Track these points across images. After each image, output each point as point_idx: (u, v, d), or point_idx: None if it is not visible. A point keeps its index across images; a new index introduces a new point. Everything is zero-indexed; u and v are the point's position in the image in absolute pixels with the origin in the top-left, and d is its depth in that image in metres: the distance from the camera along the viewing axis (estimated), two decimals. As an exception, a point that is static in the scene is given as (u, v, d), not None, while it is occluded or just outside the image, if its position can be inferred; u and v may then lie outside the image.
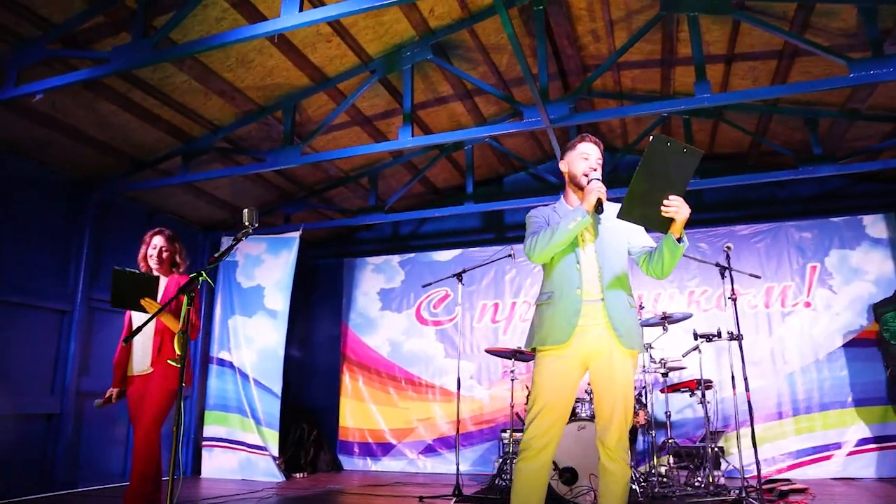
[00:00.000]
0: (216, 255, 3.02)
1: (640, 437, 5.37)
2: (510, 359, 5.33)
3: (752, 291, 6.41)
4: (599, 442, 2.61)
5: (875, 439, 5.78)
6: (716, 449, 5.11)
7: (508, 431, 5.72)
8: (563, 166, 2.82)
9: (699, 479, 4.93)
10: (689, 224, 2.54)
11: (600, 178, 2.63)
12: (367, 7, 3.27)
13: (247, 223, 3.13)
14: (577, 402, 5.05)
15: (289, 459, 6.62)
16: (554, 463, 4.54)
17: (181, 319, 2.84)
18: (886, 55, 3.89)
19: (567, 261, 2.66)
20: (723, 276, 4.78)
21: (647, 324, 5.10)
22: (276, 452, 6.20)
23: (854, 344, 6.00)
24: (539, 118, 4.45)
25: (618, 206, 2.54)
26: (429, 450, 7.07)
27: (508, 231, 7.61)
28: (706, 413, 5.00)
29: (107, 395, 3.60)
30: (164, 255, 3.66)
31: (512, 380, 5.25)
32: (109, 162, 5.50)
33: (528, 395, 2.80)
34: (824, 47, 4.04)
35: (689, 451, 5.31)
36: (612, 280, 2.63)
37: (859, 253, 6.17)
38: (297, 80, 5.12)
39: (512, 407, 5.14)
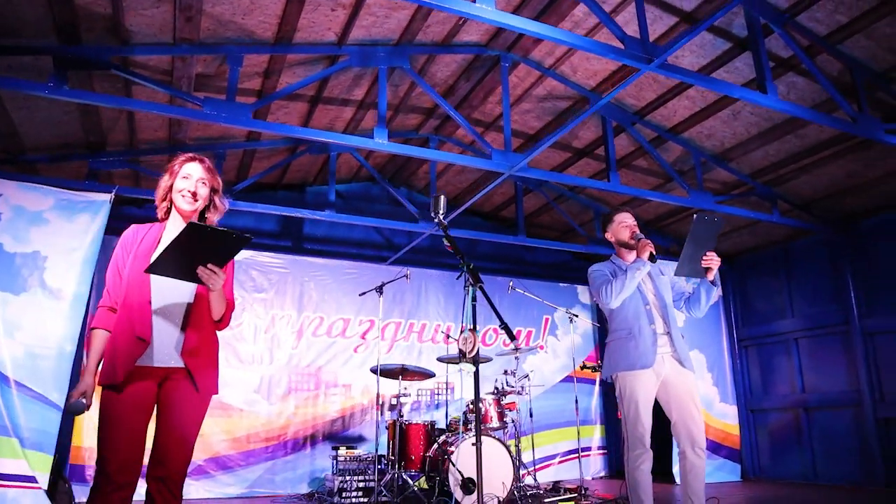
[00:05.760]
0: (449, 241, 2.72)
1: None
2: (397, 378, 5.38)
3: (504, 333, 7.87)
4: (688, 444, 3.25)
5: (572, 451, 7.81)
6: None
7: (343, 448, 5.68)
8: (608, 237, 3.55)
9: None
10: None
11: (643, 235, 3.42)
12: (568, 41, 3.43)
13: (441, 212, 2.92)
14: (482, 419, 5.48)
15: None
16: (459, 472, 4.92)
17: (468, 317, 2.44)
18: (704, 191, 5.90)
19: (638, 303, 3.39)
20: (571, 320, 6.12)
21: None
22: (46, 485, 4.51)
23: (566, 380, 8.03)
24: (505, 162, 4.97)
25: (665, 262, 3.51)
26: (198, 471, 6.09)
27: (306, 242, 7.32)
28: (516, 429, 6.22)
29: (80, 390, 2.23)
30: (204, 192, 2.40)
31: (398, 397, 5.31)
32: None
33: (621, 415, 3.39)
34: (680, 176, 5.82)
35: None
36: (671, 316, 3.43)
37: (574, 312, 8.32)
38: (263, 32, 4.31)
39: (390, 426, 5.20)
